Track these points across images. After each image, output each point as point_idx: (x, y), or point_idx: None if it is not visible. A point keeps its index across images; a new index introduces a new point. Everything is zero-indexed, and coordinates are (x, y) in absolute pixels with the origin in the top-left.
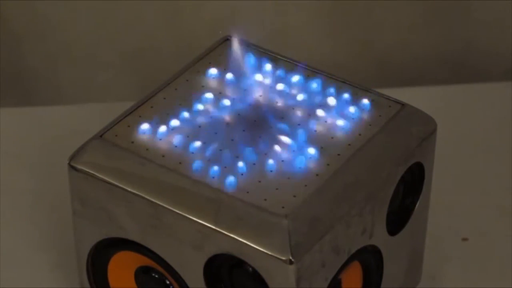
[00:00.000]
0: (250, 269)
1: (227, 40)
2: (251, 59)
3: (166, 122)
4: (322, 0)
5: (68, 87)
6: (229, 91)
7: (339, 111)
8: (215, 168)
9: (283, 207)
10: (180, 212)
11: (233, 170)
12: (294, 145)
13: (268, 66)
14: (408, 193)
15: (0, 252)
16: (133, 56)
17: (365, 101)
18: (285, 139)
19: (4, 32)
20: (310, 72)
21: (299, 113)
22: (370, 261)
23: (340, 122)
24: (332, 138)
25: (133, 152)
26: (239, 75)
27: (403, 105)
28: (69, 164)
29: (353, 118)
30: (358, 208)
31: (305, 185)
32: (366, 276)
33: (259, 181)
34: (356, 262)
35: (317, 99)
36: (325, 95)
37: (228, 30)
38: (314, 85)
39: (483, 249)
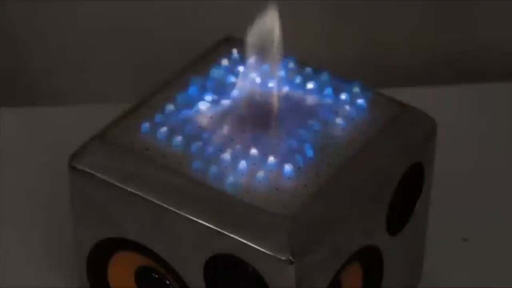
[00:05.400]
0: (250, 269)
1: (227, 40)
2: (250, 59)
3: (166, 122)
4: (322, 0)
5: (68, 87)
6: (229, 91)
7: (339, 111)
8: (215, 168)
9: (283, 207)
10: (180, 212)
11: (233, 170)
12: (294, 145)
13: (267, 66)
14: (408, 193)
15: (0, 252)
16: (133, 56)
17: (365, 101)
18: (285, 139)
19: (4, 32)
20: (309, 72)
21: (299, 112)
22: (370, 261)
23: (340, 122)
24: (332, 138)
25: (133, 152)
26: (239, 75)
27: (403, 105)
28: (69, 164)
29: (353, 118)
30: (358, 208)
31: (305, 185)
32: (366, 276)
33: (259, 181)
34: (356, 262)
35: (317, 98)
36: (325, 95)
37: (228, 30)
38: (314, 84)
39: (483, 249)
